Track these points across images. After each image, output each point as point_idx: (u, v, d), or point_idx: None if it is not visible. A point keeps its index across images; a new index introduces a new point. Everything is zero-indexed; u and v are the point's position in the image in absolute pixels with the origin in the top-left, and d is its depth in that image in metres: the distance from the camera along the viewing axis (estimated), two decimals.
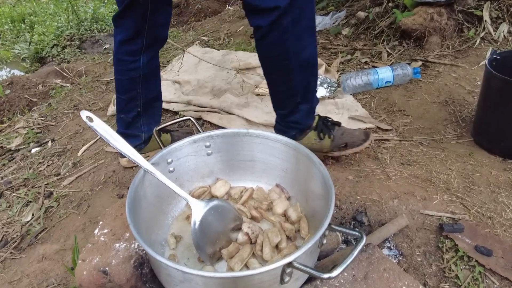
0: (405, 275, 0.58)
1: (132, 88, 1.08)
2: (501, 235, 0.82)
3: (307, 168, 0.64)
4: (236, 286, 0.46)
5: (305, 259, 0.48)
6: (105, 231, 0.69)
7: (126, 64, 1.05)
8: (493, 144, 1.12)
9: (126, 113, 1.12)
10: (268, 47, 0.89)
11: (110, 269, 0.61)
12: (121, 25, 1.02)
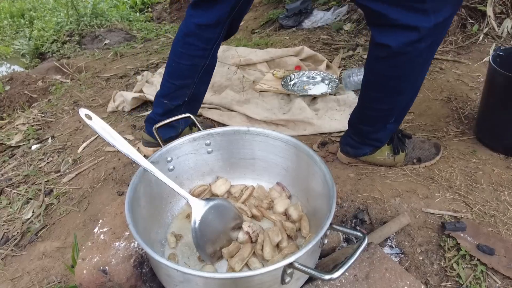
0: (406, 274, 0.58)
1: (190, 76, 1.01)
2: (503, 233, 0.81)
3: (308, 166, 0.64)
4: (237, 287, 0.46)
5: (306, 260, 0.48)
6: (105, 230, 0.69)
7: (195, 49, 0.97)
8: (496, 141, 1.11)
9: (171, 99, 1.04)
10: (388, 68, 0.77)
11: (109, 268, 0.61)
12: (204, 9, 0.94)
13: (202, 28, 0.94)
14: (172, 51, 1.02)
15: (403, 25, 0.69)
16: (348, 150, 1.01)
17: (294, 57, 1.74)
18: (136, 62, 2.45)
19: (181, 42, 0.98)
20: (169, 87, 1.04)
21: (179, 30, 0.99)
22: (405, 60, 0.75)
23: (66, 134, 1.69)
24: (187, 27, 0.97)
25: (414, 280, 0.57)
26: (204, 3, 0.93)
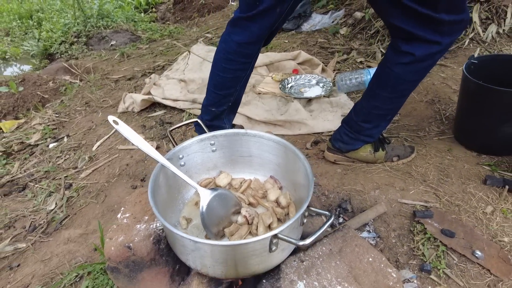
0: (372, 249, 0.73)
1: (233, 86, 1.13)
2: (464, 220, 0.96)
3: (294, 162, 0.78)
4: (235, 253, 0.61)
5: (288, 233, 0.62)
6: (127, 215, 0.84)
7: (236, 64, 1.07)
8: (470, 140, 1.25)
9: (217, 107, 1.17)
10: (407, 72, 0.93)
11: (133, 245, 0.76)
12: (244, 27, 1.01)
13: (243, 46, 1.03)
14: (215, 66, 1.12)
15: (428, 40, 0.85)
16: (341, 145, 1.16)
17: (292, 61, 1.88)
18: (143, 64, 2.61)
19: (224, 59, 1.08)
20: (215, 97, 1.16)
21: (219, 46, 1.09)
22: (423, 67, 0.92)
23: (80, 133, 1.85)
24: (228, 45, 1.06)
25: (377, 253, 0.72)
26: (246, 21, 1.00)
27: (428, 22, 0.83)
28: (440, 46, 0.86)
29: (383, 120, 1.06)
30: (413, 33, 0.85)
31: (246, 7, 0.98)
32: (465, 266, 0.86)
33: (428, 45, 0.86)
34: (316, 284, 0.65)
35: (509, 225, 0.94)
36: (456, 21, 0.83)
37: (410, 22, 0.84)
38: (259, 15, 0.97)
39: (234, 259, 0.62)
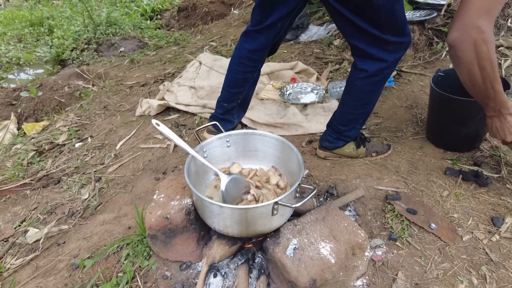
0: (347, 217, 1.00)
1: (242, 85, 1.43)
2: (425, 201, 1.24)
3: (289, 154, 1.06)
4: (247, 215, 0.88)
5: (286, 202, 0.90)
6: (162, 196, 1.12)
7: (246, 67, 1.37)
8: (437, 139, 1.53)
9: (229, 102, 1.46)
10: (365, 85, 1.20)
11: (170, 216, 1.04)
12: (254, 38, 1.31)
13: (252, 52, 1.33)
14: (229, 69, 1.42)
15: (377, 57, 1.13)
16: (327, 144, 1.44)
17: (290, 70, 2.17)
18: (154, 71, 2.89)
19: (236, 63, 1.38)
20: (227, 94, 1.46)
21: (234, 53, 1.39)
22: (376, 80, 1.20)
23: (102, 134, 2.13)
24: (240, 51, 1.36)
25: (351, 221, 0.99)
26: (255, 33, 1.30)
27: (377, 42, 1.10)
28: (387, 63, 1.14)
29: (357, 123, 1.34)
30: (365, 50, 1.13)
31: (255, 23, 1.30)
32: (422, 235, 1.14)
33: (377, 62, 1.14)
34: (306, 241, 0.93)
35: (459, 205, 1.23)
36: (399, 42, 1.12)
37: (363, 41, 1.12)
38: (265, 29, 1.28)
39: (246, 220, 0.90)
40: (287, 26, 1.32)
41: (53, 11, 4.79)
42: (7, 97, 3.02)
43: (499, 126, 1.10)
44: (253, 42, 1.33)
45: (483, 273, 1.03)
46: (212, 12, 4.60)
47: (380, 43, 1.10)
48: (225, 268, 1.05)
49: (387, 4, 1.02)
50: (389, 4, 1.02)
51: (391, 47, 1.11)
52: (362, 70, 1.18)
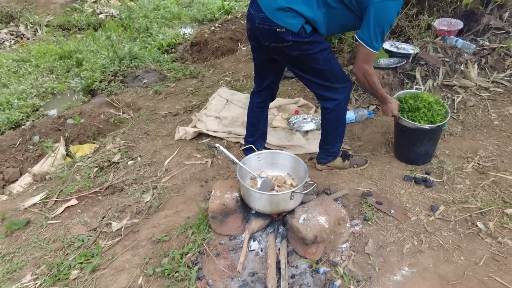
0: (335, 203, 1.70)
1: (257, 123, 2.23)
2: (388, 197, 1.95)
3: (299, 165, 1.78)
4: (275, 199, 1.58)
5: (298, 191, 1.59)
6: (218, 192, 1.82)
7: (257, 113, 2.19)
8: (400, 156, 2.26)
9: (251, 137, 2.27)
10: (330, 116, 1.92)
11: (226, 203, 1.73)
12: (258, 95, 2.14)
13: (258, 103, 2.17)
14: (248, 115, 2.24)
15: (332, 98, 1.87)
16: (321, 161, 2.16)
17: (294, 105, 2.92)
18: (181, 103, 3.63)
19: (250, 111, 2.20)
20: (249, 132, 2.27)
21: (248, 105, 2.21)
22: (336, 112, 1.93)
23: (149, 154, 2.83)
24: (252, 104, 2.20)
25: (337, 205, 1.69)
26: (257, 92, 2.15)
27: (330, 89, 1.84)
28: (339, 101, 1.86)
29: (335, 142, 2.07)
30: (324, 95, 1.87)
31: (257, 86, 2.13)
32: (385, 217, 1.85)
33: (333, 101, 1.87)
34: (310, 215, 1.63)
35: (411, 199, 1.94)
36: (344, 86, 1.85)
37: (321, 90, 1.86)
38: (263, 89, 2.11)
39: (275, 203, 1.60)
40: (277, 83, 2.17)
41: (80, 45, 5.56)
42: (54, 123, 3.75)
43: (385, 108, 1.97)
44: (258, 97, 2.17)
45: (421, 238, 1.73)
46: (222, 47, 5.41)
47: (332, 89, 1.85)
48: (260, 236, 1.74)
49: (328, 68, 1.77)
50: (329, 68, 1.77)
51: (339, 90, 1.85)
52: (325, 108, 1.93)
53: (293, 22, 1.60)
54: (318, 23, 1.65)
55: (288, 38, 1.63)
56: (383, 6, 1.52)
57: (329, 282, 1.55)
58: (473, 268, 1.56)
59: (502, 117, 2.64)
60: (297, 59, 1.75)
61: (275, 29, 1.62)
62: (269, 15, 1.61)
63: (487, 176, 2.07)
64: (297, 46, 1.67)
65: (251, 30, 1.80)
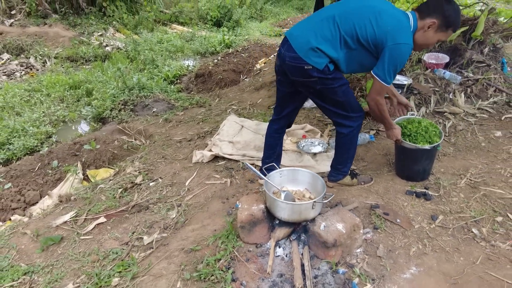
0: (349, 212, 1.99)
1: (275, 146, 2.54)
2: (393, 208, 2.25)
3: (317, 181, 2.07)
4: (296, 209, 1.86)
5: (318, 202, 1.88)
6: (245, 205, 2.09)
7: (275, 137, 2.50)
8: (401, 174, 2.59)
9: (269, 158, 2.55)
10: (345, 141, 2.24)
11: (253, 214, 2.00)
12: (277, 122, 2.45)
13: (277, 129, 2.46)
14: (266, 139, 2.54)
15: (347, 125, 2.22)
16: (332, 179, 2.47)
17: (301, 130, 3.27)
18: (194, 129, 3.95)
19: (269, 135, 2.51)
20: (266, 153, 2.56)
21: (267, 130, 2.53)
22: (350, 137, 2.27)
23: (169, 176, 3.09)
24: (271, 129, 2.50)
25: (351, 214, 1.98)
26: (276, 120, 2.45)
27: (346, 118, 2.19)
28: (353, 128, 2.19)
29: (347, 162, 2.40)
30: (340, 122, 2.22)
31: (277, 114, 2.46)
32: (392, 226, 2.14)
33: (348, 128, 2.21)
34: (329, 223, 1.91)
35: (414, 210, 2.24)
36: (358, 116, 2.20)
37: (338, 118, 2.20)
38: (283, 117, 2.44)
39: (299, 212, 1.89)
40: (296, 113, 2.53)
41: (89, 76, 5.92)
42: (70, 149, 4.02)
43: (390, 134, 2.32)
44: (277, 124, 2.50)
45: (425, 243, 2.02)
46: (225, 78, 5.83)
47: (347, 118, 2.20)
48: (284, 244, 2.01)
49: (345, 99, 2.13)
50: (347, 99, 2.13)
51: (354, 119, 2.21)
52: (341, 133, 2.28)
53: (319, 61, 1.96)
54: (340, 62, 2.02)
55: (314, 74, 1.99)
56: (396, 48, 1.87)
57: (347, 281, 1.80)
58: (471, 266, 1.84)
59: (488, 139, 3.02)
60: (319, 92, 2.11)
61: (303, 66, 1.98)
62: (301, 54, 1.97)
63: (479, 190, 2.40)
64: (321, 81, 2.02)
65: (280, 67, 2.17)
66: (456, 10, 1.96)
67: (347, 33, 1.94)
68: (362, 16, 1.93)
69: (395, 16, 1.93)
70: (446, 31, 1.99)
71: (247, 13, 9.46)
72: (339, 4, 2.06)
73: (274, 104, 4.22)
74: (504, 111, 3.39)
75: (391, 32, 1.87)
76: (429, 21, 1.96)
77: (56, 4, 7.91)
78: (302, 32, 2.02)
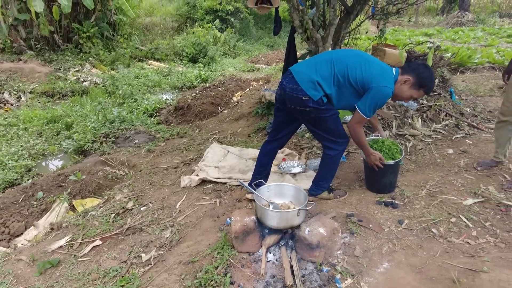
0: (329, 219, 2.35)
1: (266, 165, 2.89)
2: (366, 216, 2.64)
3: (300, 194, 2.43)
4: (284, 216, 2.18)
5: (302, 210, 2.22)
6: (237, 217, 2.39)
7: (269, 156, 2.86)
8: (371, 187, 3.01)
9: (259, 175, 2.88)
10: (330, 161, 2.64)
11: (246, 224, 2.30)
12: (271, 143, 2.81)
13: (271, 149, 2.86)
14: (259, 157, 2.90)
15: (334, 149, 2.66)
16: (312, 193, 2.84)
17: (281, 154, 3.66)
18: (178, 158, 4.23)
19: (263, 154, 2.88)
20: (257, 170, 2.91)
21: (262, 148, 2.90)
22: (335, 159, 2.71)
23: (158, 201, 3.33)
24: (265, 149, 2.88)
25: (331, 220, 2.33)
26: (271, 141, 2.85)
27: (333, 142, 2.64)
28: (339, 151, 2.65)
29: (328, 179, 2.81)
30: (328, 146, 2.66)
31: (272, 137, 2.85)
32: (366, 230, 2.51)
33: (334, 151, 2.65)
34: (312, 228, 2.25)
35: (383, 216, 2.64)
36: (343, 141, 2.66)
37: (327, 141, 2.65)
38: (277, 139, 2.83)
39: (286, 219, 2.22)
40: (289, 137, 2.91)
41: (68, 110, 6.09)
42: (55, 181, 4.17)
43: (368, 160, 2.72)
44: (271, 145, 2.89)
45: (394, 242, 2.39)
46: (204, 110, 6.21)
47: (335, 143, 2.64)
48: (274, 250, 2.31)
49: (334, 127, 2.58)
50: (335, 127, 2.58)
51: (340, 143, 2.65)
52: (327, 154, 2.70)
53: (316, 93, 2.41)
54: (332, 97, 2.48)
55: (310, 104, 2.43)
56: (379, 90, 2.35)
57: (331, 277, 2.12)
58: (432, 258, 2.22)
59: (443, 156, 3.54)
60: (313, 120, 2.55)
61: (301, 97, 2.42)
62: (303, 86, 2.40)
63: (436, 198, 2.85)
64: (315, 110, 2.46)
65: (280, 95, 2.61)
66: (430, 75, 2.48)
67: (340, 73, 2.42)
68: (354, 61, 2.43)
69: (381, 65, 2.47)
70: (419, 90, 2.49)
71: (221, 50, 10.11)
72: (337, 51, 2.64)
73: (253, 132, 4.64)
74: (454, 132, 3.98)
75: (376, 76, 2.38)
76: (406, 77, 2.47)
77: (32, 40, 8.14)
78: (305, 69, 2.48)
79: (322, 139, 2.67)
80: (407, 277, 2.08)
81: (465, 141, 3.83)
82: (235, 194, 3.15)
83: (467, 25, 14.55)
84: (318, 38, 4.08)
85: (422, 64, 2.49)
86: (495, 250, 2.25)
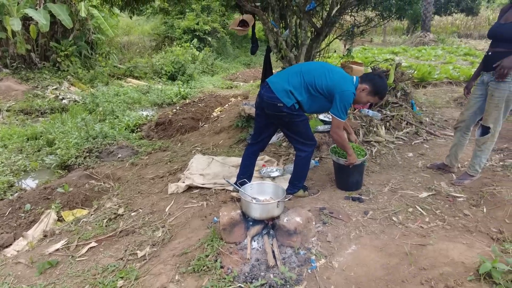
0: (304, 210, 2.77)
1: (250, 166, 3.31)
2: (336, 209, 3.08)
3: (278, 190, 2.84)
4: (265, 208, 2.58)
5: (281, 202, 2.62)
6: (225, 212, 2.76)
7: (251, 158, 3.29)
8: (340, 185, 3.48)
9: (243, 175, 3.26)
10: (300, 161, 3.09)
11: (233, 217, 2.67)
12: (253, 146, 3.24)
13: (253, 152, 3.29)
14: (243, 159, 3.33)
15: (304, 150, 3.12)
16: (289, 191, 3.27)
17: (261, 161, 4.09)
18: (164, 168, 4.55)
19: (246, 156, 3.31)
20: (242, 171, 3.32)
21: (246, 150, 3.34)
22: (305, 159, 3.17)
23: (148, 206, 3.64)
24: (248, 151, 3.31)
25: (305, 211, 2.75)
26: (253, 144, 3.30)
27: (303, 144, 3.12)
28: (308, 152, 3.13)
29: (302, 178, 3.26)
30: (298, 148, 3.14)
31: (254, 140, 3.30)
32: (336, 221, 2.94)
33: (304, 152, 3.13)
34: (290, 217, 2.66)
35: (351, 209, 3.09)
36: (312, 144, 3.15)
37: (297, 143, 3.12)
38: (258, 142, 3.29)
39: (267, 210, 2.62)
40: (269, 140, 3.34)
41: (49, 127, 6.28)
42: (42, 193, 4.39)
43: (349, 159, 3.16)
44: (253, 148, 3.32)
45: (360, 229, 2.83)
46: (185, 125, 6.57)
47: (305, 145, 3.11)
48: (257, 239, 2.69)
49: (304, 131, 3.06)
50: (305, 131, 3.06)
51: (309, 145, 3.12)
52: (299, 155, 3.16)
53: (288, 100, 2.88)
54: (303, 103, 2.95)
55: (284, 110, 2.89)
56: (343, 94, 2.81)
57: (307, 259, 2.52)
58: (392, 240, 2.67)
59: (404, 159, 4.08)
60: (286, 123, 3.01)
61: (277, 103, 2.88)
62: (278, 94, 2.87)
63: (397, 193, 3.34)
64: (288, 115, 2.93)
65: (259, 103, 3.06)
66: (384, 85, 3.03)
67: (309, 83, 2.92)
68: (320, 71, 2.94)
69: (341, 73, 3.00)
70: (374, 96, 3.04)
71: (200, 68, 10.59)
72: (305, 64, 3.14)
73: (234, 144, 5.06)
74: (414, 138, 4.56)
75: (339, 83, 2.89)
76: (364, 86, 3.00)
77: (8, 59, 8.29)
78: (279, 80, 2.97)
79: (294, 141, 3.14)
80: (371, 254, 2.52)
81: (423, 145, 4.41)
82: (220, 197, 3.52)
83: (429, 44, 15.87)
84: (292, 57, 4.61)
85: (377, 74, 3.03)
86: (442, 231, 2.74)
